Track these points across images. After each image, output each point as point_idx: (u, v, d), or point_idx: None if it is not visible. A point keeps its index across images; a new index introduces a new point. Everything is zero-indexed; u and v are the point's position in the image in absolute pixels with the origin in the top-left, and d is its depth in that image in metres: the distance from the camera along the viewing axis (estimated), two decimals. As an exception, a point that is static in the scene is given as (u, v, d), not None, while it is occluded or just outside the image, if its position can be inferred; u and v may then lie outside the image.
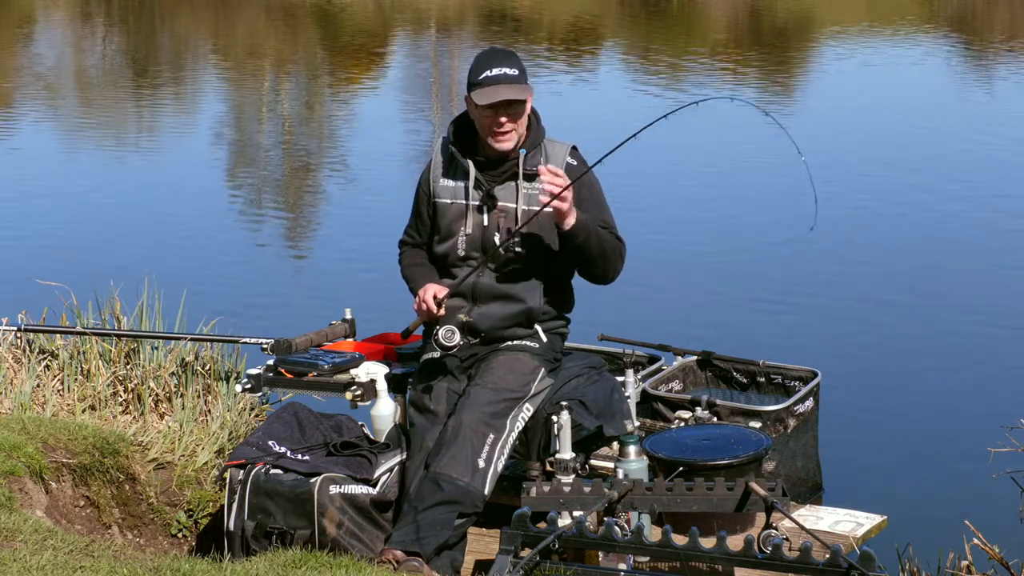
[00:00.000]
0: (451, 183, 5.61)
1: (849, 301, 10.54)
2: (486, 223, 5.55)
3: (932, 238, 12.29)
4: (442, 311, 5.49)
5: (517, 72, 5.49)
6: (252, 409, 6.71)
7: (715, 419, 6.53)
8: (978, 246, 11.96)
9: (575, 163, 5.58)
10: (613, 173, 5.67)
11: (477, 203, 5.56)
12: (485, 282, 5.55)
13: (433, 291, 5.50)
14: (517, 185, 5.54)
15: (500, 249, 5.50)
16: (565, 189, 5.34)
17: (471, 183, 5.55)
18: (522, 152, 5.52)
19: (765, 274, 11.01)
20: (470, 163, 5.55)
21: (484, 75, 5.47)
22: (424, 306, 5.50)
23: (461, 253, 5.58)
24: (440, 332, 5.42)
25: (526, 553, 4.96)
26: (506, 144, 5.49)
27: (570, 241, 5.45)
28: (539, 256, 5.55)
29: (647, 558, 5.18)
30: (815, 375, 6.93)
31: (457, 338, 5.42)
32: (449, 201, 5.60)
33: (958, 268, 11.40)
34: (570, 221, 5.40)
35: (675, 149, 15.11)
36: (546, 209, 5.43)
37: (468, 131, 5.62)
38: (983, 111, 18.99)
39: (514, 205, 5.53)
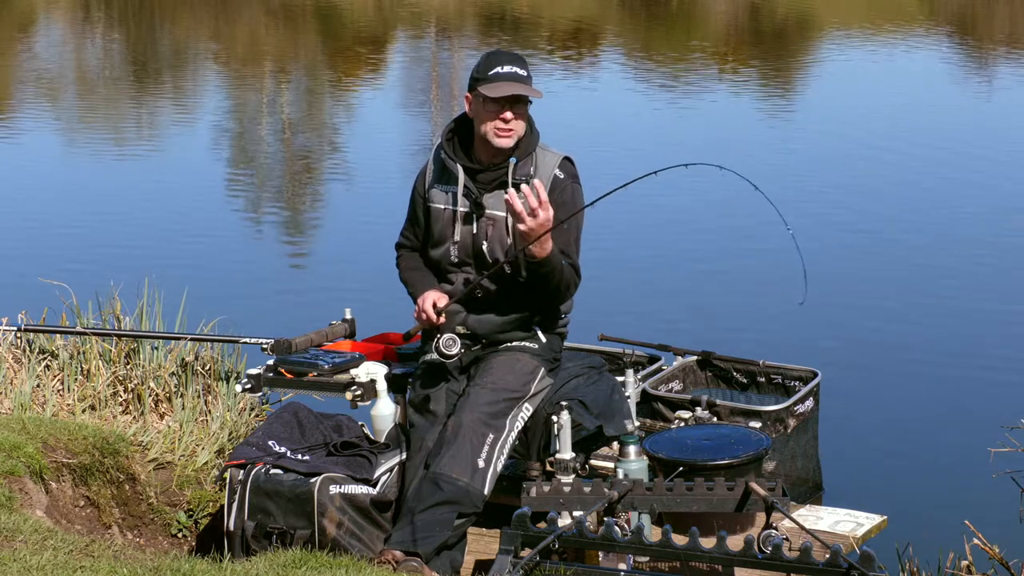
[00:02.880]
0: (443, 189, 5.61)
1: (849, 301, 10.54)
2: (475, 231, 5.54)
3: (931, 238, 12.28)
4: (442, 319, 5.49)
5: (526, 73, 5.51)
6: (252, 409, 6.72)
7: (715, 419, 6.53)
8: (978, 246, 11.95)
9: (563, 176, 5.55)
10: (613, 177, 5.65)
11: (466, 211, 5.55)
12: (483, 288, 5.54)
13: (432, 299, 5.49)
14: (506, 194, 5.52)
15: (487, 256, 5.50)
16: (550, 228, 5.26)
17: (460, 190, 5.55)
18: (512, 161, 5.51)
19: (765, 274, 11.01)
20: (460, 170, 5.54)
21: (495, 71, 5.46)
22: (424, 315, 5.50)
23: (454, 259, 5.59)
24: (441, 341, 5.42)
25: (526, 553, 4.96)
26: (507, 142, 5.48)
27: (534, 269, 5.38)
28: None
29: (647, 558, 5.18)
30: (815, 375, 6.93)
31: (458, 347, 5.43)
32: (442, 207, 5.60)
33: (958, 268, 11.40)
34: (537, 251, 5.30)
35: (677, 153, 15.12)
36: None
37: (462, 136, 5.61)
38: (983, 111, 18.99)
39: (503, 214, 5.51)
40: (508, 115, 5.45)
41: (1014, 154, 15.74)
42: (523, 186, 5.28)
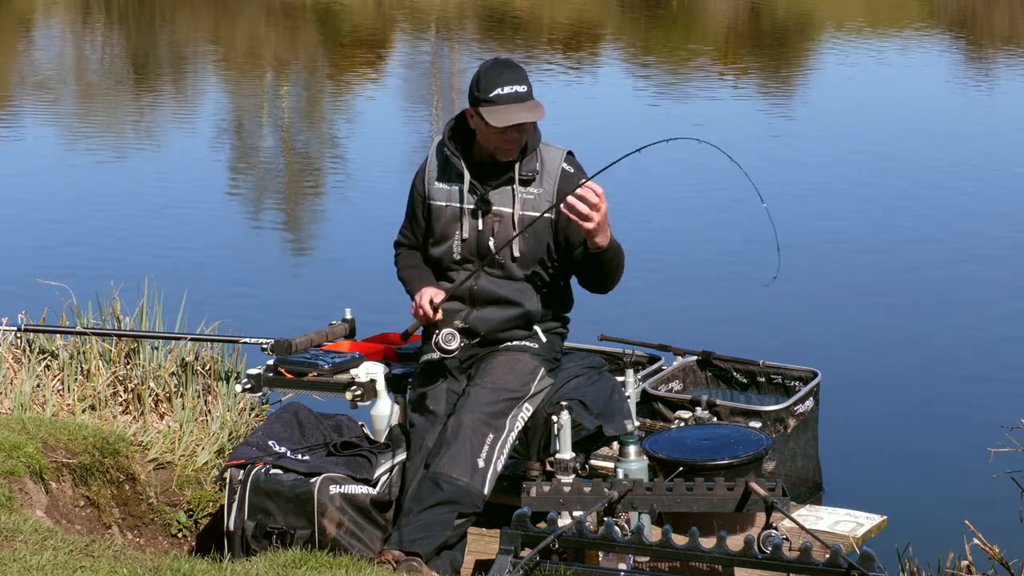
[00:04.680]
0: (446, 186, 5.59)
1: (849, 301, 10.54)
2: (481, 227, 5.54)
3: (931, 237, 12.29)
4: (439, 315, 5.49)
5: (526, 89, 5.43)
6: (252, 409, 6.71)
7: (715, 419, 6.53)
8: (978, 245, 11.96)
9: (571, 170, 5.55)
10: (612, 175, 5.66)
11: (472, 207, 5.55)
12: (483, 286, 5.54)
13: (429, 295, 5.49)
14: (513, 190, 5.52)
15: (495, 254, 5.50)
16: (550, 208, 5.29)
17: (466, 187, 5.54)
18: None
19: (765, 274, 11.01)
20: (465, 166, 5.54)
21: (495, 93, 5.39)
22: (421, 311, 5.50)
23: (457, 257, 5.58)
24: (440, 336, 5.42)
25: (526, 553, 4.96)
26: (510, 156, 5.48)
27: (596, 259, 5.40)
28: (537, 259, 5.54)
29: (647, 558, 5.19)
30: (815, 375, 6.93)
31: (456, 342, 5.42)
32: (444, 204, 5.59)
33: (958, 267, 11.40)
34: (602, 241, 5.33)
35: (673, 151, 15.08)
36: (545, 215, 5.44)
37: (464, 133, 5.60)
38: (983, 111, 19.00)
39: (510, 210, 5.52)
40: (513, 136, 5.43)
41: (1015, 153, 15.74)
42: (578, 191, 5.26)
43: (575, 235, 5.42)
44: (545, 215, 5.45)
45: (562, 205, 5.28)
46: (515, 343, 5.58)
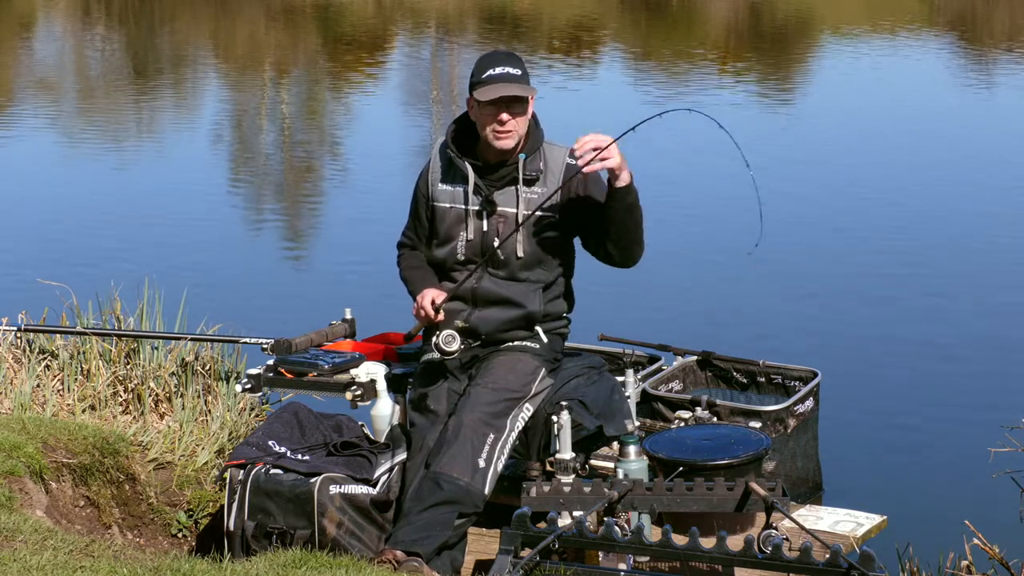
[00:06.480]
0: (450, 187, 5.60)
1: (849, 301, 10.54)
2: (485, 228, 5.54)
3: (932, 237, 12.28)
4: (441, 316, 5.49)
5: (520, 72, 5.49)
6: (252, 409, 6.71)
7: (715, 419, 6.53)
8: (978, 246, 11.95)
9: (574, 162, 5.57)
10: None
11: (477, 208, 5.55)
12: (485, 286, 5.55)
13: (431, 296, 5.50)
14: (517, 190, 5.53)
15: (499, 253, 5.50)
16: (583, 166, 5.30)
17: (470, 188, 5.55)
18: (521, 157, 5.52)
19: (765, 274, 11.01)
20: (469, 168, 5.54)
21: (488, 73, 5.46)
22: (423, 312, 5.50)
23: (461, 257, 5.58)
24: (440, 337, 5.42)
25: (526, 553, 4.96)
26: (506, 143, 5.48)
27: (619, 201, 5.38)
28: (540, 260, 5.55)
29: (647, 558, 5.19)
30: (815, 375, 6.93)
31: (456, 343, 5.42)
32: (448, 205, 5.59)
33: (958, 268, 11.40)
34: (625, 177, 5.35)
35: (672, 150, 15.12)
36: (546, 213, 5.45)
37: (467, 135, 5.61)
38: (983, 111, 18.99)
39: (514, 210, 5.52)
40: (504, 116, 5.44)
41: (1015, 152, 15.74)
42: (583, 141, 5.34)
43: (595, 195, 5.45)
44: (549, 215, 5.47)
45: (579, 161, 5.30)
46: (516, 343, 5.58)
